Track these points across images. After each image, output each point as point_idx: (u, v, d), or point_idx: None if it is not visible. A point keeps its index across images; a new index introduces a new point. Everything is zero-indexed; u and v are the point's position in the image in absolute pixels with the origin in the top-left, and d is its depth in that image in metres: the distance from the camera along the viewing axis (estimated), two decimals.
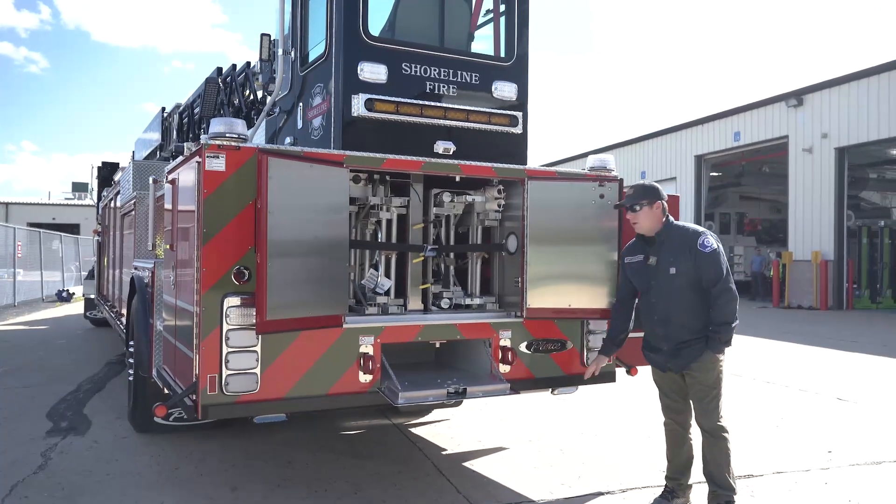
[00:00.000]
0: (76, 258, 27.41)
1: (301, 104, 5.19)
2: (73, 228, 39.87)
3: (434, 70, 4.86)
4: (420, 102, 4.76)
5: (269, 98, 5.59)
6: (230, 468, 5.02)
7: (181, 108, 9.67)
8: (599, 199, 4.67)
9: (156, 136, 10.96)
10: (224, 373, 3.76)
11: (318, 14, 4.95)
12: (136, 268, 6.26)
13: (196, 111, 8.76)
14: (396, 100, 4.68)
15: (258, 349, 3.84)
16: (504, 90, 5.11)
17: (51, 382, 8.10)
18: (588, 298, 4.69)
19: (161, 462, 5.13)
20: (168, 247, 4.58)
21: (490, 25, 5.40)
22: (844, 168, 20.62)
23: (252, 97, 7.06)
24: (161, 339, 4.97)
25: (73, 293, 21.42)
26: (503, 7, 5.31)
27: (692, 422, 4.31)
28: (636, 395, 7.14)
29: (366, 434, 6.09)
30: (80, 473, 4.88)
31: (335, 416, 6.42)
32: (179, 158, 4.44)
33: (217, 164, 3.75)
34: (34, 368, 9.15)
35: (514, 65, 5.20)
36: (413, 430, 6.13)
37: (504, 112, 5.09)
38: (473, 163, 4.65)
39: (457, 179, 4.73)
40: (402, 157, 4.40)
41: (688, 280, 4.07)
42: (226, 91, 7.73)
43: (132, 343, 6.10)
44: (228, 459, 5.21)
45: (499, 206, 4.96)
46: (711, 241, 4.08)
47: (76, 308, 17.51)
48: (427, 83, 4.84)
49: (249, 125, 5.97)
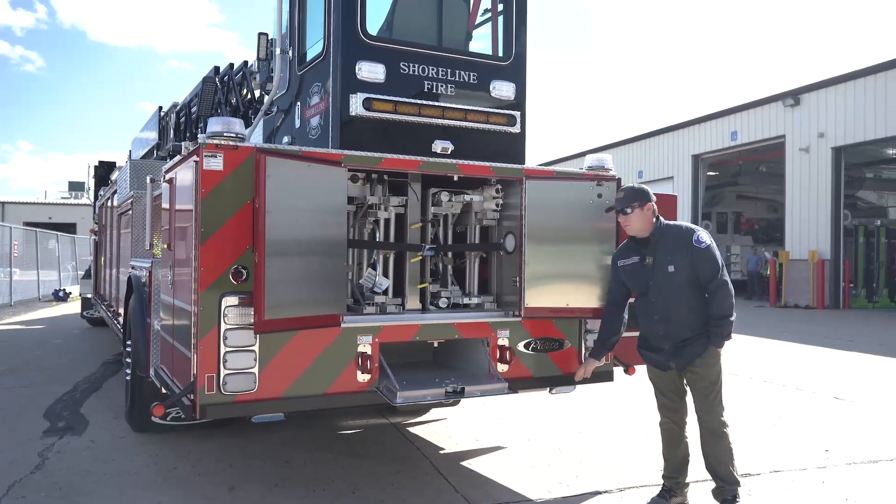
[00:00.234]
0: (73, 258, 27.35)
1: (299, 103, 5.18)
2: (70, 228, 39.78)
3: (432, 69, 4.86)
4: (418, 102, 4.76)
5: (267, 97, 5.58)
6: (228, 468, 5.02)
7: (178, 108, 9.65)
8: (597, 199, 4.68)
9: (153, 136, 10.94)
10: (222, 372, 3.76)
11: (316, 13, 4.94)
12: (134, 267, 6.25)
13: (193, 110, 8.74)
14: (394, 99, 4.68)
15: (256, 349, 3.84)
16: (502, 89, 5.11)
17: (48, 382, 8.08)
18: (586, 298, 4.69)
19: (158, 462, 5.13)
20: (165, 246, 4.57)
21: (488, 25, 5.40)
22: (841, 167, 20.68)
23: (250, 96, 7.05)
24: (159, 339, 4.97)
25: (70, 293, 21.39)
26: (501, 6, 5.31)
27: (688, 420, 4.34)
28: (634, 395, 7.15)
29: (364, 433, 6.09)
30: (78, 473, 4.87)
31: (333, 416, 6.41)
32: (177, 158, 4.43)
33: (215, 164, 3.75)
34: (31, 368, 9.13)
35: (512, 64, 5.20)
36: (411, 430, 6.13)
37: (502, 111, 5.08)
38: (471, 162, 4.66)
39: (455, 179, 4.73)
40: (400, 157, 4.40)
41: (686, 277, 4.11)
42: (223, 90, 7.72)
43: (129, 343, 6.09)
44: (226, 459, 5.20)
45: (497, 206, 4.96)
46: (705, 238, 4.13)
47: (73, 308, 17.48)
48: (425, 82, 4.84)
49: (247, 124, 5.96)
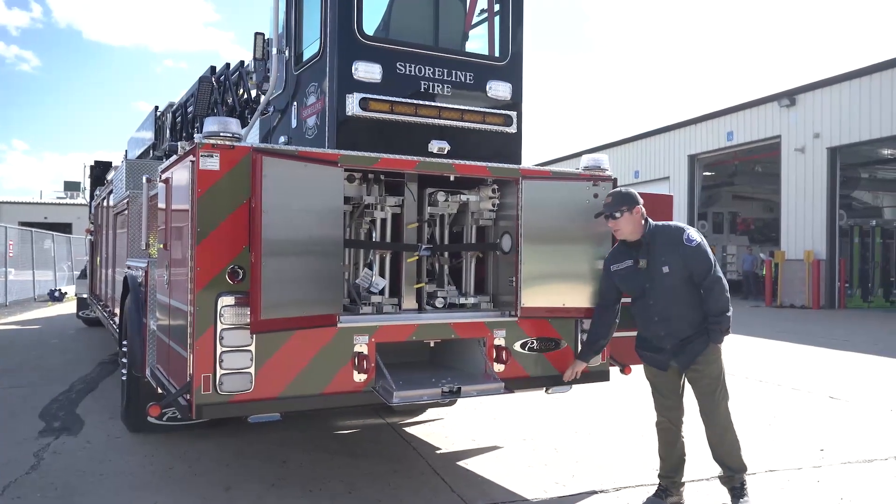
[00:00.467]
0: (68, 257, 27.24)
1: (295, 103, 5.18)
2: (66, 228, 39.66)
3: (428, 69, 4.86)
4: (414, 102, 4.76)
5: (263, 97, 5.57)
6: (224, 468, 5.01)
7: (174, 107, 9.63)
8: (593, 199, 4.69)
9: (149, 135, 10.91)
10: (218, 372, 3.76)
11: (313, 13, 4.94)
12: (130, 267, 6.24)
13: (189, 110, 8.72)
14: (391, 99, 4.67)
15: (252, 348, 3.84)
16: (498, 90, 5.11)
17: (43, 382, 8.06)
18: (582, 297, 4.70)
19: (155, 462, 5.12)
20: (162, 246, 4.56)
21: (484, 25, 5.40)
22: (836, 168, 20.74)
23: (246, 96, 7.04)
24: (155, 339, 4.96)
25: (66, 293, 21.33)
26: (497, 7, 5.31)
27: (685, 420, 4.35)
28: (630, 394, 7.16)
29: (360, 433, 6.09)
30: (74, 473, 4.86)
31: (330, 416, 6.41)
32: (173, 157, 4.42)
33: (211, 164, 3.75)
34: (26, 368, 9.10)
35: (509, 64, 5.20)
36: (407, 430, 6.13)
37: (498, 111, 5.09)
38: (468, 162, 4.66)
39: (451, 179, 4.74)
40: (397, 157, 4.41)
41: (681, 277, 4.13)
42: (219, 90, 7.70)
43: (125, 343, 6.08)
44: (222, 459, 5.20)
45: (493, 206, 4.97)
46: (695, 236, 4.16)
47: (68, 308, 17.43)
48: (421, 82, 4.83)
49: (243, 124, 5.95)
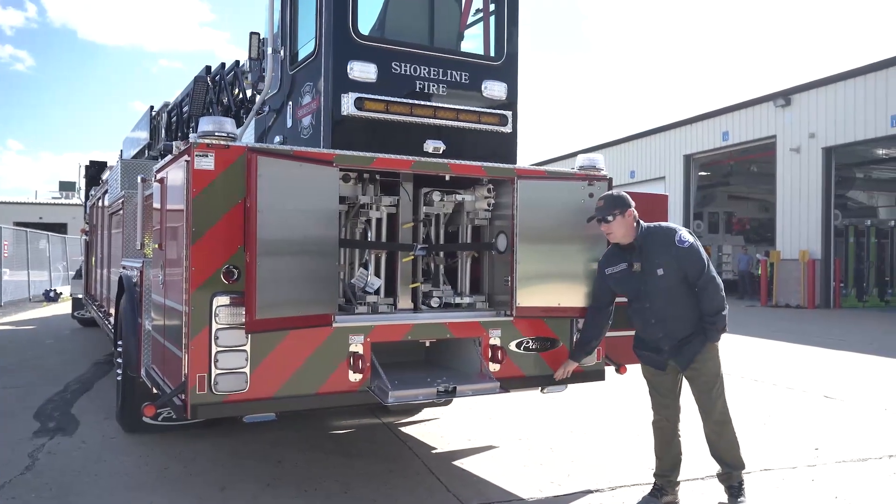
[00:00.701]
0: (63, 258, 27.18)
1: (290, 103, 5.17)
2: (61, 228, 39.54)
3: (424, 69, 4.85)
4: (410, 101, 4.76)
5: (259, 97, 5.57)
6: (219, 468, 5.01)
7: (170, 107, 9.61)
8: (588, 199, 4.69)
9: (144, 135, 10.89)
10: (213, 372, 3.75)
11: (308, 13, 4.93)
12: (125, 267, 6.22)
13: (185, 110, 8.71)
14: (386, 99, 4.67)
15: (247, 348, 3.84)
16: (494, 89, 5.12)
17: (38, 383, 8.04)
18: (577, 297, 4.70)
19: (150, 462, 5.11)
20: (157, 246, 4.55)
21: (480, 25, 5.41)
22: (831, 168, 20.80)
23: (241, 96, 7.03)
24: (150, 339, 4.95)
25: (61, 293, 21.28)
26: (493, 6, 5.31)
27: (681, 418, 4.37)
28: (625, 394, 7.17)
29: (356, 433, 6.09)
30: (69, 474, 4.85)
31: (325, 416, 6.41)
32: (168, 157, 4.42)
33: (206, 163, 3.74)
34: (22, 369, 9.08)
35: (504, 64, 5.20)
36: (403, 429, 6.13)
37: (494, 111, 5.09)
38: (463, 162, 4.66)
39: (446, 178, 4.73)
40: (392, 157, 4.40)
41: (676, 278, 4.14)
42: (215, 90, 7.69)
43: (120, 343, 6.07)
44: (218, 459, 5.19)
45: (488, 205, 4.97)
46: (687, 236, 4.17)
47: (63, 308, 17.39)
48: (417, 82, 4.83)
49: (239, 124, 5.94)
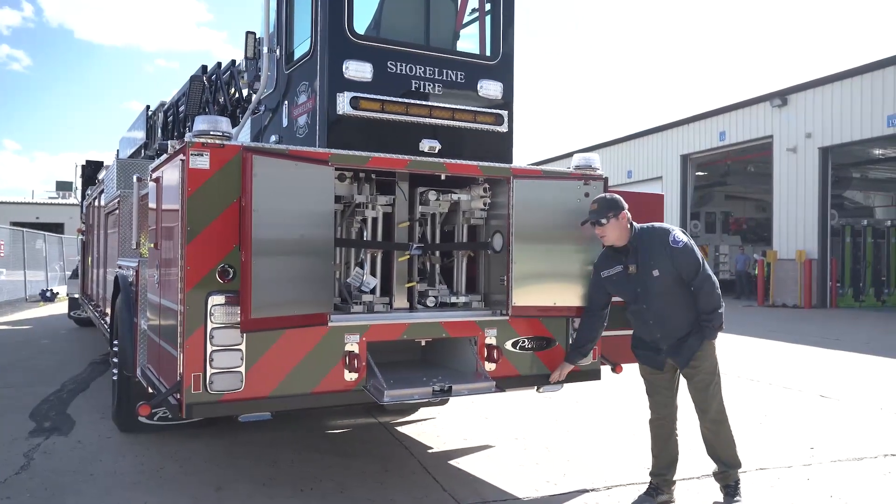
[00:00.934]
0: (60, 257, 27.13)
1: (286, 102, 5.17)
2: (58, 228, 39.44)
3: (419, 68, 4.85)
4: (405, 101, 4.76)
5: (255, 96, 5.56)
6: (215, 467, 5.00)
7: (166, 107, 9.60)
8: (584, 198, 4.69)
9: (140, 135, 10.87)
10: (208, 371, 3.75)
11: (304, 12, 4.93)
12: (121, 267, 6.22)
13: (181, 109, 8.70)
14: (382, 98, 4.67)
15: (243, 348, 3.83)
16: (489, 89, 5.12)
17: (34, 382, 8.03)
18: (573, 296, 4.71)
19: (145, 462, 5.11)
20: (152, 245, 4.55)
21: (476, 24, 5.41)
22: (828, 168, 20.83)
23: (237, 95, 7.02)
24: (145, 339, 4.95)
25: (57, 293, 21.22)
26: (489, 6, 5.31)
27: (678, 417, 4.38)
28: (621, 393, 7.18)
29: (352, 433, 6.08)
30: (64, 473, 4.84)
31: (321, 415, 6.41)
32: (164, 157, 4.41)
33: (201, 162, 3.74)
34: (17, 368, 9.07)
35: (500, 64, 5.20)
36: (399, 429, 6.13)
37: (489, 111, 5.09)
38: (459, 161, 4.66)
39: (442, 178, 4.74)
40: (388, 156, 4.40)
41: (671, 278, 4.14)
42: (211, 89, 7.69)
43: (116, 342, 6.06)
44: (213, 459, 5.19)
45: (484, 205, 4.97)
46: (681, 236, 4.18)
47: (60, 308, 17.36)
48: (412, 82, 4.83)
49: (234, 123, 5.95)
